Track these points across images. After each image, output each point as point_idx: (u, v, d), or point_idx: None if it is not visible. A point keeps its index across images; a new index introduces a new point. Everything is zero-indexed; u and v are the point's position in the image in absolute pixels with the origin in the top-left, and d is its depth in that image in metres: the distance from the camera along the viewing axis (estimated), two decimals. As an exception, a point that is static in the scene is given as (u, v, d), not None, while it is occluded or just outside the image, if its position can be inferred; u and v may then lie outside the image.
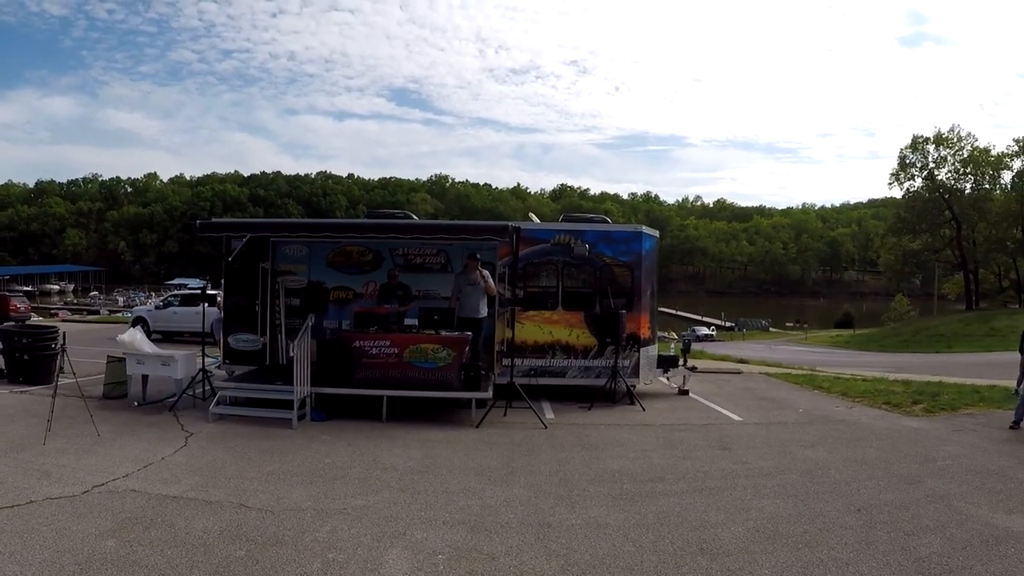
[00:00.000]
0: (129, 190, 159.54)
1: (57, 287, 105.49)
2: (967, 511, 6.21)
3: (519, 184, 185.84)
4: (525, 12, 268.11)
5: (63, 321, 35.95)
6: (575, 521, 5.81)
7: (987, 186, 68.31)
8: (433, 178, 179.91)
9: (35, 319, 33.10)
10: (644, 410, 11.20)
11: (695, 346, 27.60)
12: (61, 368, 8.75)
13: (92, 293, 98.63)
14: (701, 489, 6.88)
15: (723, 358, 23.44)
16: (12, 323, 18.64)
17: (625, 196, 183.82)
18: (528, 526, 5.66)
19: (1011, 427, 10.02)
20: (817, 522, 5.87)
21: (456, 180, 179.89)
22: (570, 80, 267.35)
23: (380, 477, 7.08)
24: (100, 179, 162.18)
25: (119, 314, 47.46)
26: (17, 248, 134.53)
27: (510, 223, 10.75)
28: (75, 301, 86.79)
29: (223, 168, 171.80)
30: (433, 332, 10.31)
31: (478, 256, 11.25)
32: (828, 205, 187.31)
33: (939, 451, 8.70)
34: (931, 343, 48.12)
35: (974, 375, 18.58)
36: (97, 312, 61.73)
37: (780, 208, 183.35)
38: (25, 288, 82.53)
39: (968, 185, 68.66)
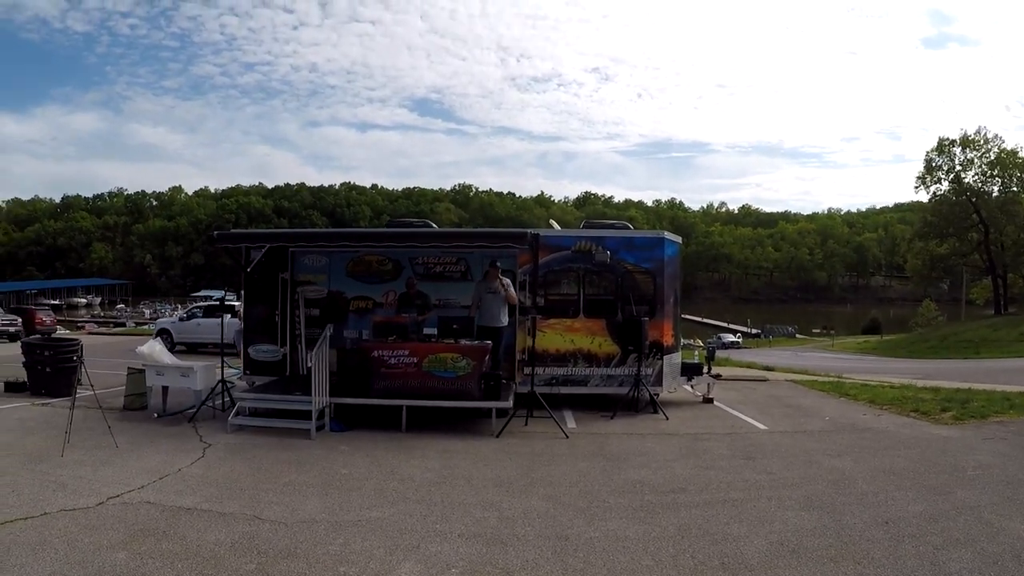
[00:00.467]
0: (154, 203, 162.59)
1: (84, 300, 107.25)
2: (998, 523, 5.99)
3: (543, 193, 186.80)
4: (546, 20, 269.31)
5: (89, 334, 36.46)
6: (594, 534, 5.68)
7: (1015, 189, 66.75)
8: (457, 188, 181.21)
9: (60, 332, 33.59)
10: (667, 419, 11.03)
11: (721, 353, 27.40)
12: (79, 380, 8.80)
13: (119, 306, 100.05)
14: (724, 500, 6.72)
15: (749, 365, 23.16)
16: (37, 336, 18.86)
17: (650, 203, 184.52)
18: (545, 539, 5.54)
19: (1045, 435, 9.74)
20: (843, 535, 5.68)
21: (480, 189, 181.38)
22: (592, 87, 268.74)
23: (397, 488, 7.00)
24: (125, 193, 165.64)
25: (145, 326, 48.00)
26: (44, 262, 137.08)
27: (529, 230, 10.64)
28: (102, 314, 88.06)
29: (247, 180, 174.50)
30: (453, 341, 10.23)
31: (499, 264, 11.16)
32: (854, 210, 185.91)
33: (969, 460, 8.43)
34: (959, 349, 47.29)
35: (1004, 381, 18.22)
36: (123, 324, 62.49)
37: (806, 213, 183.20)
38: (52, 302, 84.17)
39: (996, 188, 67.34)
